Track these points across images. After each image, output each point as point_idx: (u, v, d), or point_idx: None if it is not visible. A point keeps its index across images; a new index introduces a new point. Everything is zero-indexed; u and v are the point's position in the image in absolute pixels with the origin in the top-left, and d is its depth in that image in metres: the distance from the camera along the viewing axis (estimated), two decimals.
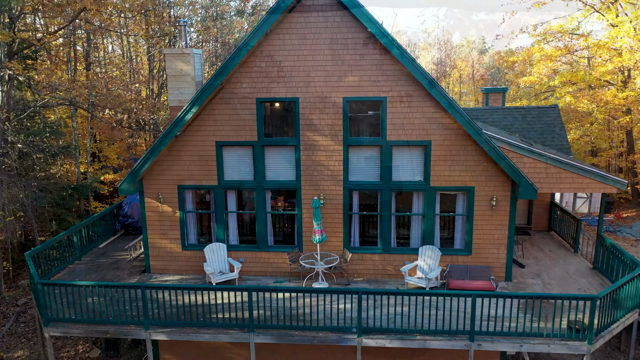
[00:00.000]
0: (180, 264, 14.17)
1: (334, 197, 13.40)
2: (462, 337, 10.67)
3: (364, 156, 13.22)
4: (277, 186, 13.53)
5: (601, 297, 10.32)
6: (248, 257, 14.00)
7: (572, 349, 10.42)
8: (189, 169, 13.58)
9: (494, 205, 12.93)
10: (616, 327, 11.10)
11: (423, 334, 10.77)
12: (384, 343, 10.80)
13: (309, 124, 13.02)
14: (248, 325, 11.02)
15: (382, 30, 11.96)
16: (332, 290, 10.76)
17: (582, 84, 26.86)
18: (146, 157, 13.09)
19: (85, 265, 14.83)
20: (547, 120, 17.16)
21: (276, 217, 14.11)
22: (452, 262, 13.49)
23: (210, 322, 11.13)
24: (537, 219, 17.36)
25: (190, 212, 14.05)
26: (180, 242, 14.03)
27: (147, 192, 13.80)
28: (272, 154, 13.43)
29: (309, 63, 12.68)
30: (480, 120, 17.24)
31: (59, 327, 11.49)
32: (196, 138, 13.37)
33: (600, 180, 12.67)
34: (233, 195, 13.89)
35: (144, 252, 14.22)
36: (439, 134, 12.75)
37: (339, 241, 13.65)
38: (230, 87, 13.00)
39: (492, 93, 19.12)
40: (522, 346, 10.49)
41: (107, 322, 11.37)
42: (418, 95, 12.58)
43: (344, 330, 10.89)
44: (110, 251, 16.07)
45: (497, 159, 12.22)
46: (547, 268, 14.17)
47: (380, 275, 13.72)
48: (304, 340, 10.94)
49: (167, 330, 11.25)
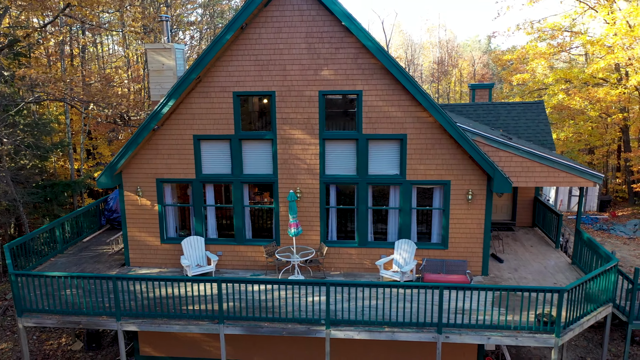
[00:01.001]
0: (159, 257, 14.26)
1: (310, 190, 13.44)
2: (430, 330, 10.67)
3: (340, 150, 13.25)
4: (255, 180, 13.59)
5: (569, 290, 10.28)
6: (226, 250, 14.07)
7: (539, 341, 10.38)
8: (168, 163, 13.67)
9: (469, 199, 12.91)
10: (587, 321, 11.06)
11: (391, 326, 10.79)
12: (353, 335, 10.82)
13: (286, 117, 13.07)
14: (218, 317, 11.08)
15: (356, 24, 11.99)
16: (300, 282, 10.80)
17: (576, 81, 26.72)
18: (123, 151, 13.20)
19: (67, 259, 14.95)
20: (531, 116, 17.10)
21: (255, 211, 14.17)
22: (429, 256, 13.48)
23: (180, 314, 11.20)
24: (521, 215, 17.31)
25: (169, 206, 14.14)
26: (160, 235, 14.13)
27: (126, 186, 13.91)
28: (249, 148, 13.50)
29: (285, 57, 12.73)
30: (464, 116, 17.22)
31: (32, 317, 11.61)
32: (174, 131, 13.46)
33: (576, 174, 12.62)
34: (211, 188, 13.97)
35: (124, 245, 14.33)
36: (415, 127, 12.75)
37: (316, 235, 13.69)
38: (207, 81, 13.08)
39: (478, 89, 19.08)
40: (490, 339, 10.47)
41: (80, 312, 11.47)
42: (394, 89, 12.59)
43: (312, 322, 10.93)
44: (94, 245, 16.19)
45: (471, 152, 12.21)
46: (525, 263, 14.12)
47: (357, 269, 13.74)
48: (273, 332, 10.98)
49: (138, 321, 11.33)
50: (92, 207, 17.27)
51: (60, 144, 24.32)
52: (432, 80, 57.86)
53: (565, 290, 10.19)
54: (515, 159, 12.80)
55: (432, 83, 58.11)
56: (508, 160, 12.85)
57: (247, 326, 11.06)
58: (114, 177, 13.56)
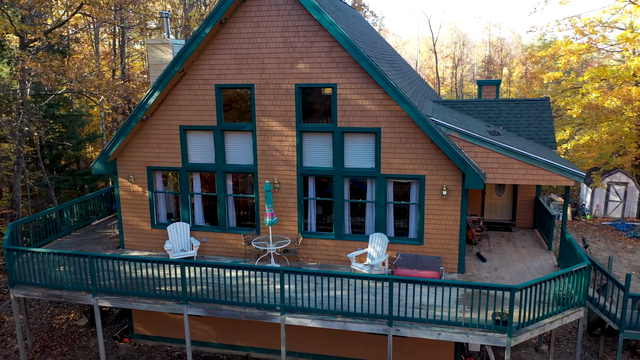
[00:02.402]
0: (150, 241, 15.04)
1: (288, 182, 13.72)
2: (382, 322, 10.67)
3: (316, 142, 13.44)
4: (236, 170, 14.04)
5: (521, 289, 9.98)
6: (210, 237, 14.62)
7: (491, 340, 10.14)
8: (157, 152, 14.39)
9: (444, 195, 12.73)
10: (550, 324, 10.65)
11: (344, 316, 10.89)
12: (306, 322, 11.02)
13: (264, 109, 13.43)
14: (182, 298, 11.61)
15: (324, 16, 12.14)
16: (255, 268, 11.11)
17: (613, 80, 25.27)
18: (114, 140, 14.04)
19: (72, 239, 16.06)
20: (534, 114, 16.45)
21: (239, 201, 14.64)
22: (404, 251, 13.41)
23: (149, 293, 11.84)
24: (522, 215, 16.73)
25: (159, 193, 14.88)
26: (150, 220, 14.90)
27: (120, 172, 14.78)
28: (231, 139, 13.97)
29: (263, 50, 13.08)
30: (465, 112, 16.84)
31: (21, 289, 12.66)
32: (162, 122, 14.16)
33: (555, 172, 12.13)
34: (198, 177, 14.57)
35: (119, 228, 15.22)
36: (388, 121, 12.73)
37: (294, 225, 13.95)
38: (191, 74, 13.67)
39: (485, 85, 18.56)
40: (440, 334, 10.34)
41: (62, 287, 12.38)
42: (367, 82, 12.64)
43: (268, 307, 11.22)
44: (100, 228, 17.27)
45: (442, 147, 12.05)
46: (509, 263, 13.71)
47: (333, 261, 13.88)
48: (232, 315, 11.38)
49: (112, 298, 12.08)
50: (104, 193, 18.40)
51: (93, 135, 25.99)
52: (475, 79, 56.25)
53: (516, 289, 9.90)
54: (491, 154, 12.47)
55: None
56: (484, 156, 12.54)
57: (209, 308, 11.52)
58: (108, 164, 14.44)
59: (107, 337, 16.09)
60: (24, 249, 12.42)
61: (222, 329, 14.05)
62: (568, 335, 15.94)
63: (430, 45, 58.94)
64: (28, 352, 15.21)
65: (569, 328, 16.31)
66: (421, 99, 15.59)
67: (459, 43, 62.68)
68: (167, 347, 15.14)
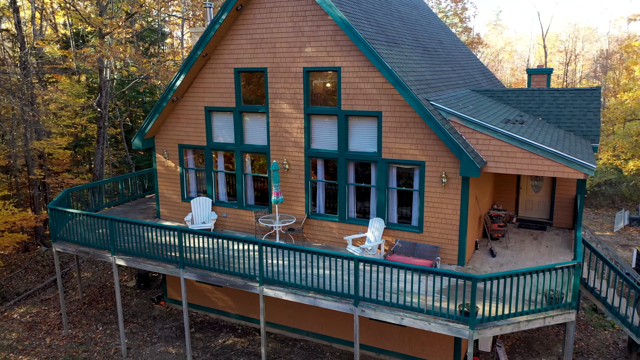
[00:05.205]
0: (180, 213, 16.36)
1: (297, 163, 14.14)
2: (348, 301, 10.72)
3: (323, 125, 13.68)
4: (252, 150, 14.76)
5: (484, 279, 9.44)
6: (230, 213, 15.54)
7: (452, 330, 9.74)
8: (186, 130, 15.62)
9: (444, 182, 12.30)
10: (527, 322, 9.90)
11: (316, 292, 11.10)
12: (280, 295, 11.41)
13: (276, 92, 13.97)
14: (179, 262, 12.61)
15: (326, 1, 12.34)
16: (239, 239, 11.70)
17: None
18: (149, 119, 15.50)
19: (122, 208, 17.97)
20: (580, 104, 14.98)
21: (257, 179, 15.35)
22: (405, 238, 13.18)
23: (154, 255, 13.00)
24: (560, 214, 15.40)
25: (189, 169, 16.11)
26: (180, 194, 16.20)
27: (157, 149, 16.26)
28: (248, 120, 14.72)
29: (275, 35, 13.62)
30: (504, 102, 15.90)
31: (60, 244, 14.57)
32: (190, 103, 15.33)
33: (563, 163, 11.15)
34: (221, 156, 15.54)
35: (156, 200, 16.75)
36: (389, 105, 12.60)
37: (301, 206, 14.34)
38: (215, 58, 14.63)
39: (535, 74, 17.26)
40: (403, 319, 10.15)
41: (88, 244, 14.05)
42: (369, 65, 12.62)
43: (249, 277, 11.79)
44: (151, 201, 19.07)
45: (436, 131, 11.67)
46: (519, 261, 12.83)
47: (336, 243, 14.05)
48: (219, 282, 12.12)
49: (127, 258, 13.46)
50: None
51: None
52: (594, 75, 51.33)
53: (478, 279, 9.40)
54: (493, 142, 11.78)
55: (593, 78, 51.58)
56: (485, 144, 11.88)
57: (200, 274, 12.39)
58: (145, 140, 15.97)
59: (147, 298, 17.81)
60: (62, 209, 14.27)
61: (240, 302, 14.94)
62: (603, 349, 14.46)
63: (545, 39, 54.91)
64: (78, 303, 17.40)
65: (606, 343, 14.77)
66: (454, 86, 15.11)
67: (572, 37, 57.67)
68: (193, 312, 16.37)
